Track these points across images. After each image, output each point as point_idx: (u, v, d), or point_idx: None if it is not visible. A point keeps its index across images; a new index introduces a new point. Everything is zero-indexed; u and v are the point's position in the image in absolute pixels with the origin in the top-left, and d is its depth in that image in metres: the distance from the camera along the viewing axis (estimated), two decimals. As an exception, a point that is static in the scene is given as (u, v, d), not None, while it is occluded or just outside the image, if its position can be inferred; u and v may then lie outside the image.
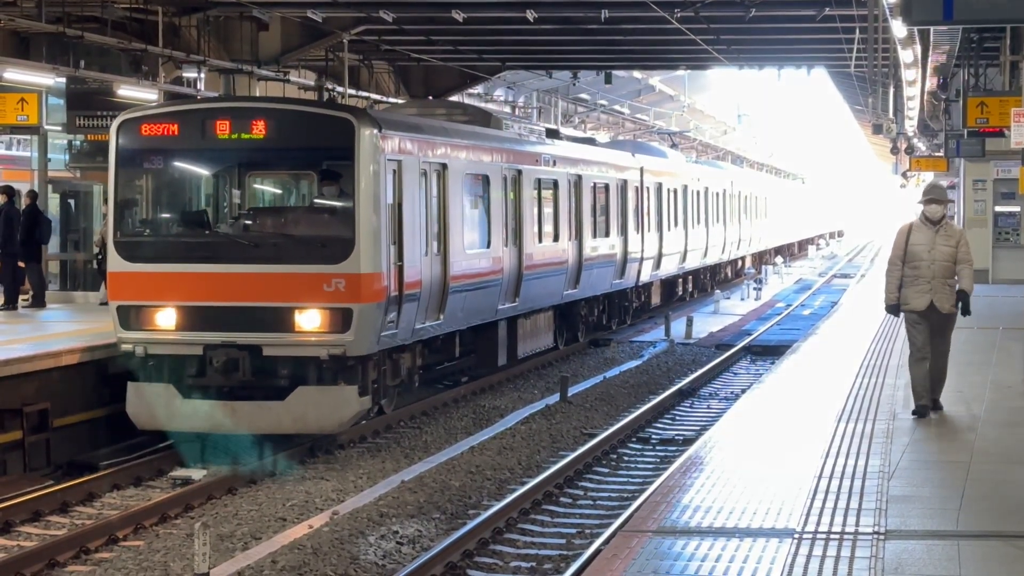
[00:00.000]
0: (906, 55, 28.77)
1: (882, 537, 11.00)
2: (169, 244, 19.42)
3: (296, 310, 18.05)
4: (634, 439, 21.80)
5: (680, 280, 42.99)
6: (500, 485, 18.22)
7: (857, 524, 11.47)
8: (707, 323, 40.11)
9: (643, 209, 35.36)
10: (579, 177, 29.30)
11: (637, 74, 56.42)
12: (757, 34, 35.84)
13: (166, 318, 18.48)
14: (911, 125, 46.43)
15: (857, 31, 31.22)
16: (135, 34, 29.60)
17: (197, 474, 18.93)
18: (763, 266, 65.01)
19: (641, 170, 35.38)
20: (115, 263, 18.95)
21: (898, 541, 10.89)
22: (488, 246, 23.85)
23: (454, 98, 44.33)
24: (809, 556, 10.43)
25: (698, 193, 43.60)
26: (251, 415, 18.07)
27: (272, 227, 19.73)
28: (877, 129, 52.45)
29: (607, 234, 31.97)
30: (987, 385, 19.63)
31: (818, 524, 11.51)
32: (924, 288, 15.44)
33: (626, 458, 20.44)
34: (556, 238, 27.69)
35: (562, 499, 17.71)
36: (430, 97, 45.36)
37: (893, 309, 15.86)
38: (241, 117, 18.68)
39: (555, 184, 27.61)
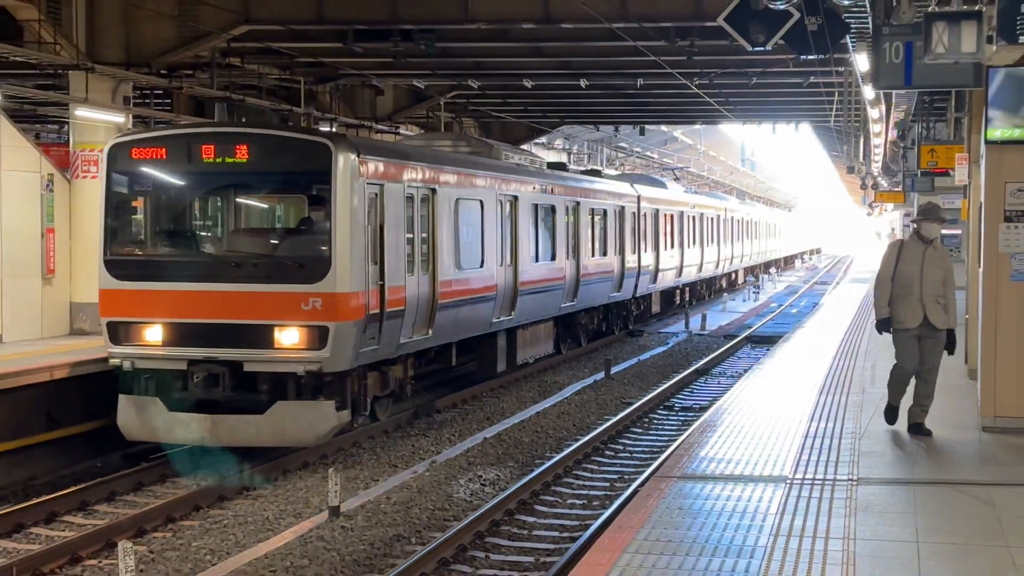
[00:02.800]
0: (873, 112, 28.51)
1: (855, 483, 10.95)
2: (156, 263, 16.77)
3: (275, 328, 15.59)
4: (661, 407, 21.44)
5: (677, 291, 40.64)
6: (559, 441, 18.03)
7: (835, 473, 11.37)
8: (717, 319, 38.83)
9: (640, 231, 32.73)
10: (577, 203, 26.75)
11: (664, 128, 56.04)
12: (757, 97, 35.55)
13: (153, 334, 16.00)
14: (876, 167, 46.23)
15: (836, 94, 31.20)
16: (283, 98, 29.60)
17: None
18: (760, 275, 65.01)
19: (638, 198, 32.95)
20: (105, 281, 16.50)
21: (867, 486, 10.82)
22: (482, 266, 21.03)
23: (524, 146, 42.20)
24: (799, 497, 10.38)
25: (693, 218, 40.76)
26: (232, 428, 15.62)
27: (253, 247, 17.17)
28: (850, 170, 51.81)
29: (605, 253, 29.22)
30: None
31: (805, 472, 11.41)
32: (916, 306, 12.69)
33: (655, 421, 20.14)
34: (554, 257, 24.98)
35: (606, 452, 17.55)
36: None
37: (884, 324, 13.09)
38: (225, 142, 16.25)
39: (553, 209, 25.05)
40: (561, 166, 31.10)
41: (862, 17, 14.82)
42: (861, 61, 17.78)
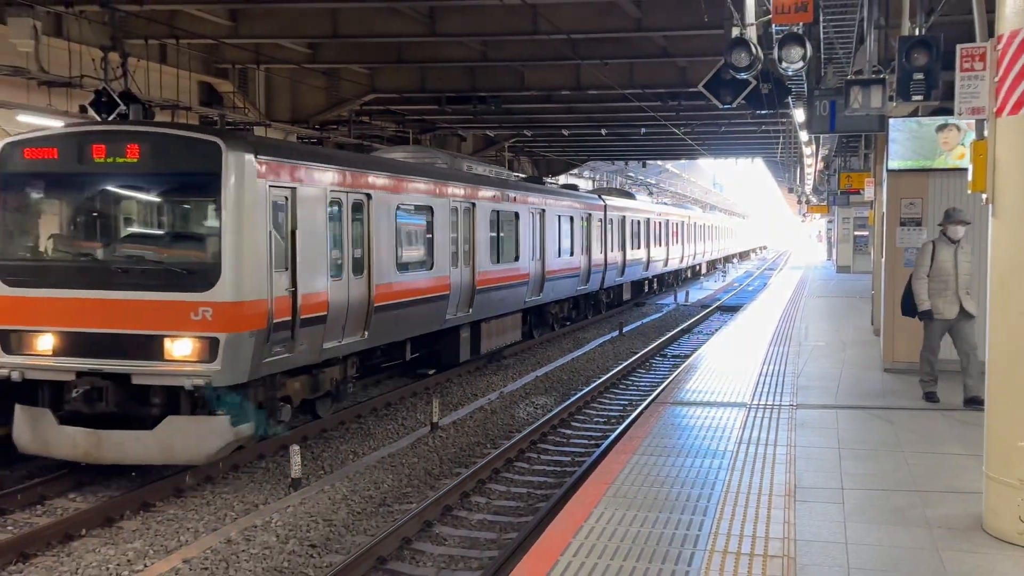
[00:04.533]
0: (807, 150, 28.61)
1: (795, 407, 10.89)
2: (45, 269, 11.26)
3: (166, 338, 10.37)
4: (658, 355, 21.27)
5: (646, 282, 35.68)
6: (587, 379, 17.96)
7: (781, 400, 11.30)
8: (695, 294, 38.83)
9: (607, 234, 27.33)
10: (543, 211, 21.46)
11: (659, 161, 55.83)
12: (726, 138, 35.22)
13: (42, 343, 10.82)
14: (808, 187, 45.83)
15: (780, 137, 31.10)
16: (397, 144, 29.94)
17: (431, 371, 17.29)
18: (724, 264, 64.50)
19: (605, 207, 27.38)
20: None
21: (803, 410, 10.77)
22: (431, 268, 15.51)
23: (560, 177, 39.63)
24: (755, 417, 10.37)
25: (659, 223, 35.50)
26: (118, 445, 10.36)
27: (143, 253, 11.20)
28: (790, 190, 51.84)
29: (572, 252, 23.84)
30: (850, 327, 19.09)
31: (760, 400, 11.35)
32: (952, 298, 10.79)
33: (654, 365, 19.94)
34: (517, 257, 19.76)
35: (620, 386, 17.47)
36: (549, 175, 40.85)
37: (927, 315, 10.94)
38: (115, 141, 10.90)
39: (516, 216, 19.77)
40: (537, 180, 26.47)
41: (800, 83, 14.67)
42: (798, 114, 17.56)
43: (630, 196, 34.88)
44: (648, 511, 7.03)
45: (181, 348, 10.42)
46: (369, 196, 13.48)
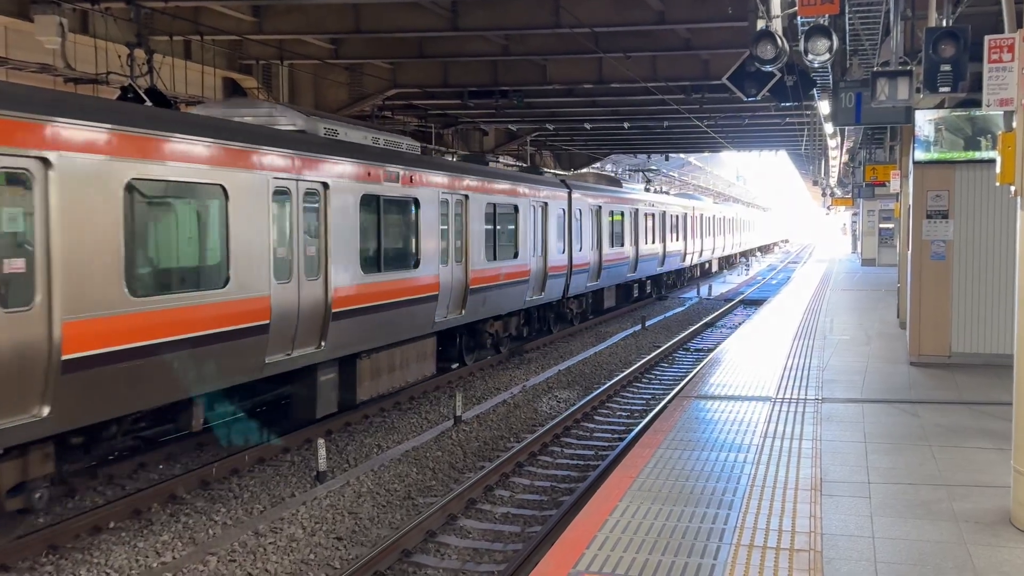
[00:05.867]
0: (831, 142, 28.38)
1: (820, 401, 10.89)
2: None
3: None
4: (681, 349, 21.17)
5: (636, 284, 29.80)
6: (609, 372, 17.93)
7: (806, 394, 11.29)
8: (718, 288, 38.91)
9: (573, 230, 21.87)
10: (464, 197, 15.79)
11: (682, 155, 55.55)
12: (749, 131, 35.14)
13: None
14: (833, 180, 45.60)
15: (805, 129, 30.98)
16: (419, 138, 30.07)
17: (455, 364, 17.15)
18: (749, 257, 64.23)
19: (570, 194, 21.67)
20: None
21: (829, 404, 10.76)
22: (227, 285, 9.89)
23: (584, 170, 38.04)
24: (780, 411, 10.35)
25: (654, 215, 30.18)
26: None
27: None
28: (814, 183, 51.59)
29: (515, 254, 18.21)
30: (876, 320, 18.98)
31: (785, 393, 11.34)
32: None
33: (677, 359, 19.85)
34: (417, 264, 14.02)
35: (643, 380, 17.35)
36: (572, 170, 40.55)
37: None
38: None
39: (415, 204, 14.01)
40: (533, 169, 22.70)
41: (825, 75, 14.57)
42: (823, 106, 17.46)
43: (615, 183, 29.30)
44: (673, 505, 7.03)
45: None
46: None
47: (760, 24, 9.77)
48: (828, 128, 22.85)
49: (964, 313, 12.96)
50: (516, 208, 18.36)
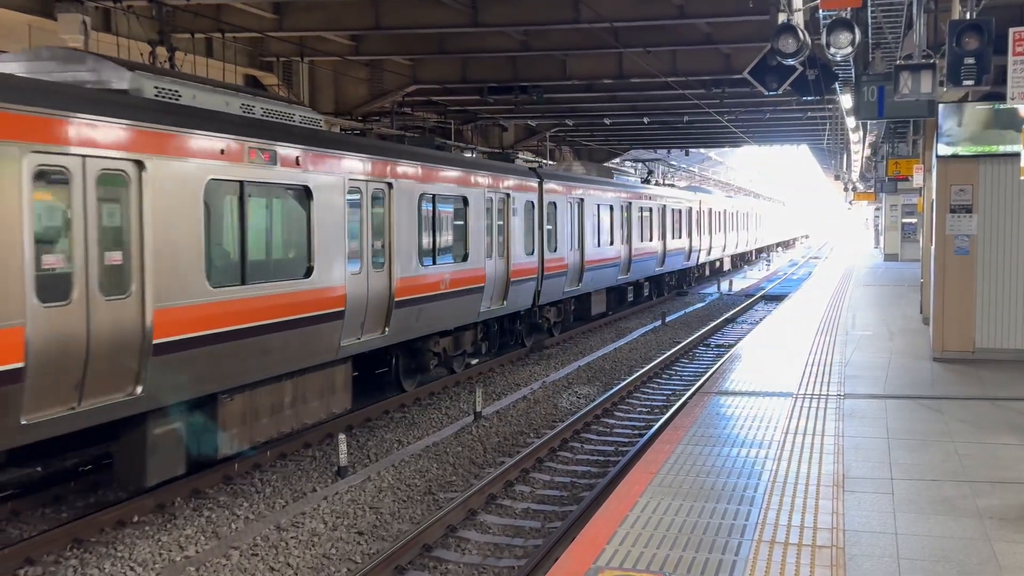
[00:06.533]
0: (854, 136, 28.28)
1: (842, 397, 10.84)
2: None
3: None
4: (702, 344, 21.08)
5: (631, 287, 26.58)
6: (630, 368, 17.89)
7: (828, 390, 11.23)
8: (739, 283, 38.75)
9: (546, 224, 19.20)
10: (387, 185, 12.90)
11: (702, 150, 55.21)
12: (770, 126, 34.88)
13: None
14: (855, 175, 45.34)
15: (827, 124, 30.79)
16: (439, 134, 30.04)
17: (474, 360, 17.18)
18: (770, 252, 63.91)
19: (540, 182, 18.87)
20: None
21: (851, 400, 10.70)
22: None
23: (575, 164, 39.38)
24: (802, 407, 10.31)
25: (649, 210, 27.15)
26: None
27: None
28: (836, 177, 51.27)
29: (464, 256, 15.31)
30: (899, 315, 18.97)
31: (806, 389, 11.29)
32: None
33: (697, 355, 19.75)
34: (309, 272, 11.05)
35: (663, 376, 17.32)
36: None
37: None
38: None
39: (299, 193, 11.00)
40: (505, 156, 20.90)
41: (847, 69, 14.47)
42: (845, 100, 17.34)
43: (606, 173, 26.38)
44: (694, 500, 7.02)
45: None
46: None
47: (782, 17, 9.72)
48: (850, 122, 22.70)
49: (988, 308, 12.85)
50: (466, 201, 15.60)
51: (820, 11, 9.50)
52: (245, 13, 17.53)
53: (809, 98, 16.65)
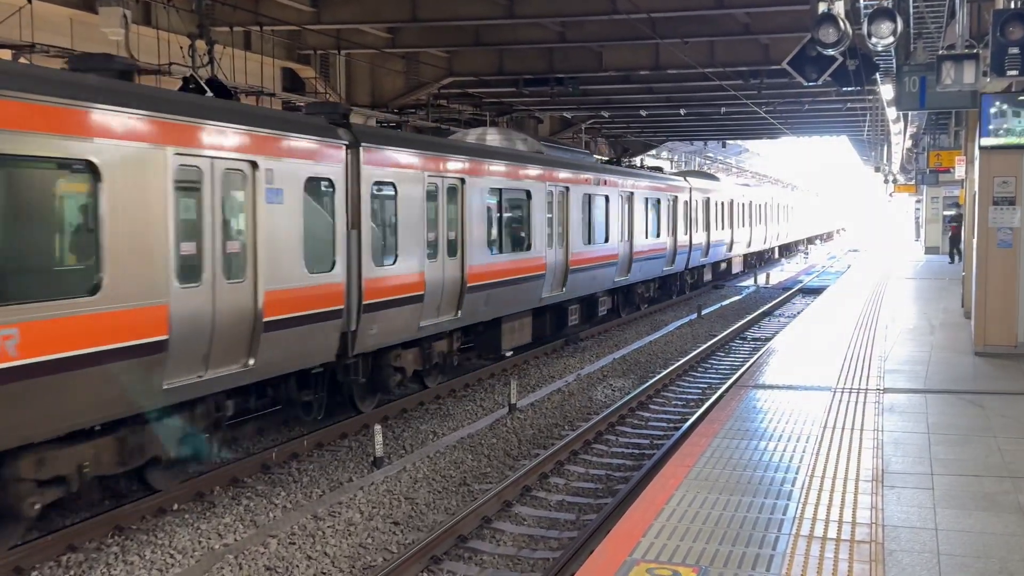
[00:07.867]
0: (894, 128, 27.99)
1: (882, 391, 10.70)
2: None
3: None
4: (738, 338, 20.97)
5: (620, 294, 23.06)
6: (665, 361, 17.81)
7: (867, 384, 11.07)
8: (776, 276, 38.52)
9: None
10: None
11: (740, 142, 54.87)
12: (808, 117, 34.63)
13: None
14: (895, 166, 44.77)
15: (868, 115, 30.43)
16: (474, 126, 30.24)
17: (509, 352, 16.63)
18: (808, 244, 63.29)
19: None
20: None
21: (891, 394, 10.54)
22: None
23: (637, 158, 33.90)
24: (841, 402, 10.14)
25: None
26: None
27: None
28: (876, 169, 50.59)
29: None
30: (940, 309, 18.72)
31: (845, 383, 11.11)
32: None
33: (734, 348, 19.64)
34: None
35: (699, 368, 17.24)
36: (628, 154, 37.07)
37: None
38: None
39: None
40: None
41: (888, 59, 14.28)
42: (886, 91, 17.13)
43: (585, 155, 22.65)
44: (731, 494, 6.98)
45: None
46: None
47: (822, 7, 9.61)
48: (891, 113, 22.46)
49: (1032, 302, 12.65)
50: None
51: (861, 0, 9.37)
52: (283, 6, 17.66)
53: (849, 89, 16.44)
